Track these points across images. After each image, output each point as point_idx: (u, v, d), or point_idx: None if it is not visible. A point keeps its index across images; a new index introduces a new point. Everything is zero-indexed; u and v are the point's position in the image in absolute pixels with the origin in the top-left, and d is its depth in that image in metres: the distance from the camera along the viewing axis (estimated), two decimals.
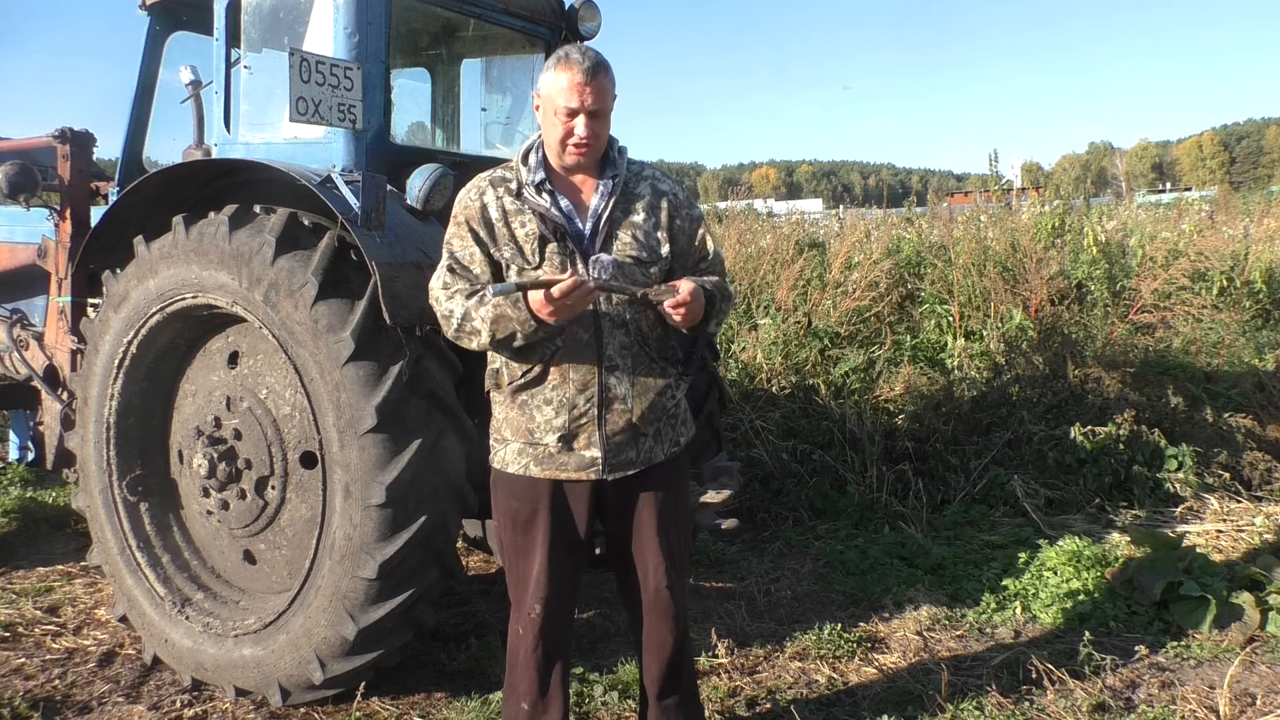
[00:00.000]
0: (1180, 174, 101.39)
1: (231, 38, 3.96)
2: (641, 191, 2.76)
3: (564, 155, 2.66)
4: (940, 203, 14.98)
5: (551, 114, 2.62)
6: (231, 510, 3.64)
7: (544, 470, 2.70)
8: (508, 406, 2.73)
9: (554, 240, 2.63)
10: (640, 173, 2.81)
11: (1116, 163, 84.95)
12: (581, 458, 2.69)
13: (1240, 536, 5.07)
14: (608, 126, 2.69)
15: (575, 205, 2.70)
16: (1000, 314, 7.70)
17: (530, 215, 2.64)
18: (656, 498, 2.79)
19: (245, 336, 3.66)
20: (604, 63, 2.63)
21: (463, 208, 2.72)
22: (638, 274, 2.68)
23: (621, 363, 2.67)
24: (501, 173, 2.75)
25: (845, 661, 3.92)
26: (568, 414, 2.65)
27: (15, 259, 4.98)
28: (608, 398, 2.66)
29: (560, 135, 2.62)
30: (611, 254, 2.66)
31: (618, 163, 2.74)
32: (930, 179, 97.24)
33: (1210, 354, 7.91)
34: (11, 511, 5.62)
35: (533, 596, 2.76)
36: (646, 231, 2.72)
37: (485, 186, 2.72)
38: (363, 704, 3.52)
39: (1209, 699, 3.54)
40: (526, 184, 2.68)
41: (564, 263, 2.63)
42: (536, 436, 2.68)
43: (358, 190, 3.20)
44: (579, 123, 2.60)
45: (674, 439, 2.83)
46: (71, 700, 3.64)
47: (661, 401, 2.75)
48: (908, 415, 6.51)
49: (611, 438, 2.68)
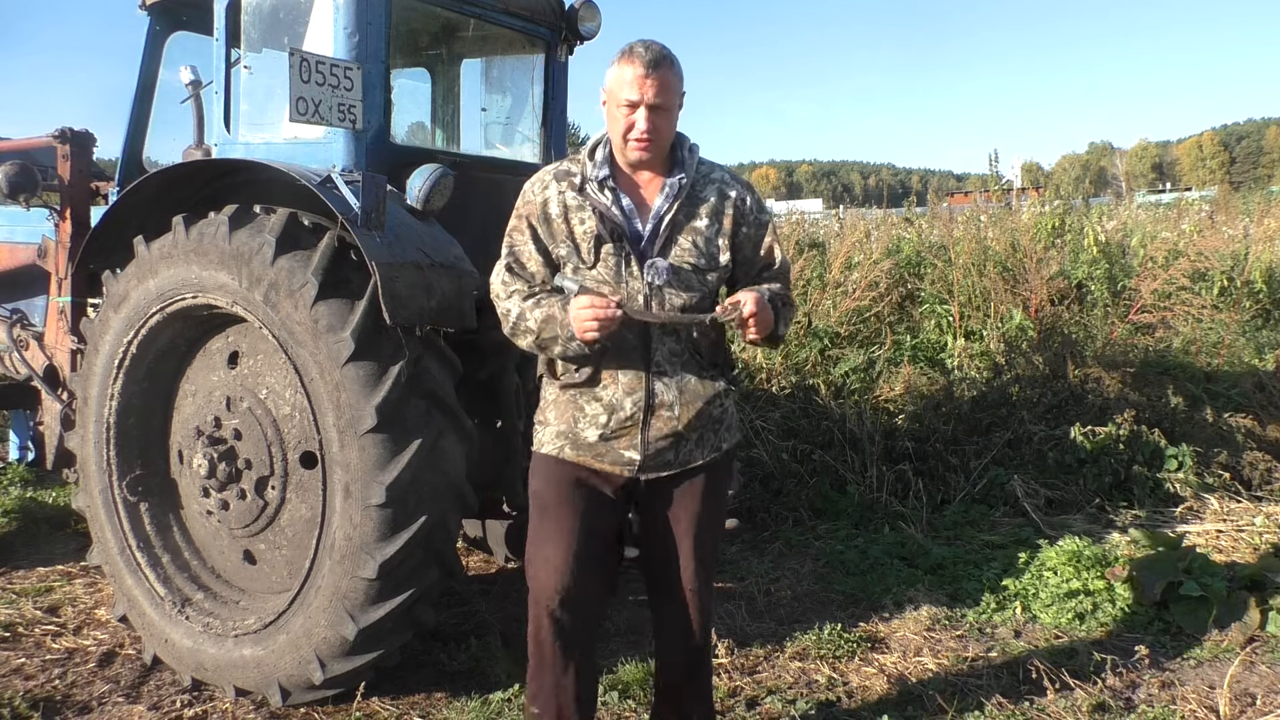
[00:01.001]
0: (1180, 174, 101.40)
1: (231, 38, 3.95)
2: (707, 195, 2.68)
3: (627, 150, 2.60)
4: (940, 203, 14.99)
5: (615, 107, 2.57)
6: (231, 510, 3.64)
7: (579, 455, 2.67)
8: (557, 393, 2.71)
9: (610, 240, 2.58)
10: (709, 175, 2.72)
11: (1116, 163, 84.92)
12: (619, 455, 2.65)
13: (1240, 536, 5.07)
14: (672, 122, 2.62)
15: (637, 204, 2.64)
16: (1000, 314, 7.70)
17: (590, 212, 2.59)
18: (691, 500, 2.73)
19: (245, 336, 3.66)
20: (669, 56, 2.56)
21: (524, 202, 2.68)
22: (694, 281, 2.62)
23: (670, 369, 2.63)
24: (567, 166, 2.70)
25: (845, 661, 3.92)
26: (613, 416, 2.62)
27: (15, 259, 4.98)
28: (654, 404, 2.62)
29: (622, 129, 2.57)
30: (668, 259, 2.60)
31: (686, 162, 2.66)
32: (930, 179, 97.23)
33: (1210, 354, 7.91)
34: (11, 511, 5.62)
35: (550, 586, 2.66)
36: (708, 238, 2.65)
37: (549, 180, 2.67)
38: (363, 704, 3.52)
39: (1209, 699, 3.54)
40: (590, 179, 2.62)
41: (619, 264, 2.58)
42: (579, 428, 2.65)
43: (358, 190, 3.20)
44: (640, 116, 2.54)
45: (716, 444, 2.75)
46: (71, 700, 3.64)
47: (709, 410, 2.69)
48: (908, 415, 6.51)
49: (653, 442, 2.64)
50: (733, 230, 2.68)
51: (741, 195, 2.72)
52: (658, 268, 2.58)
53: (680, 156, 2.67)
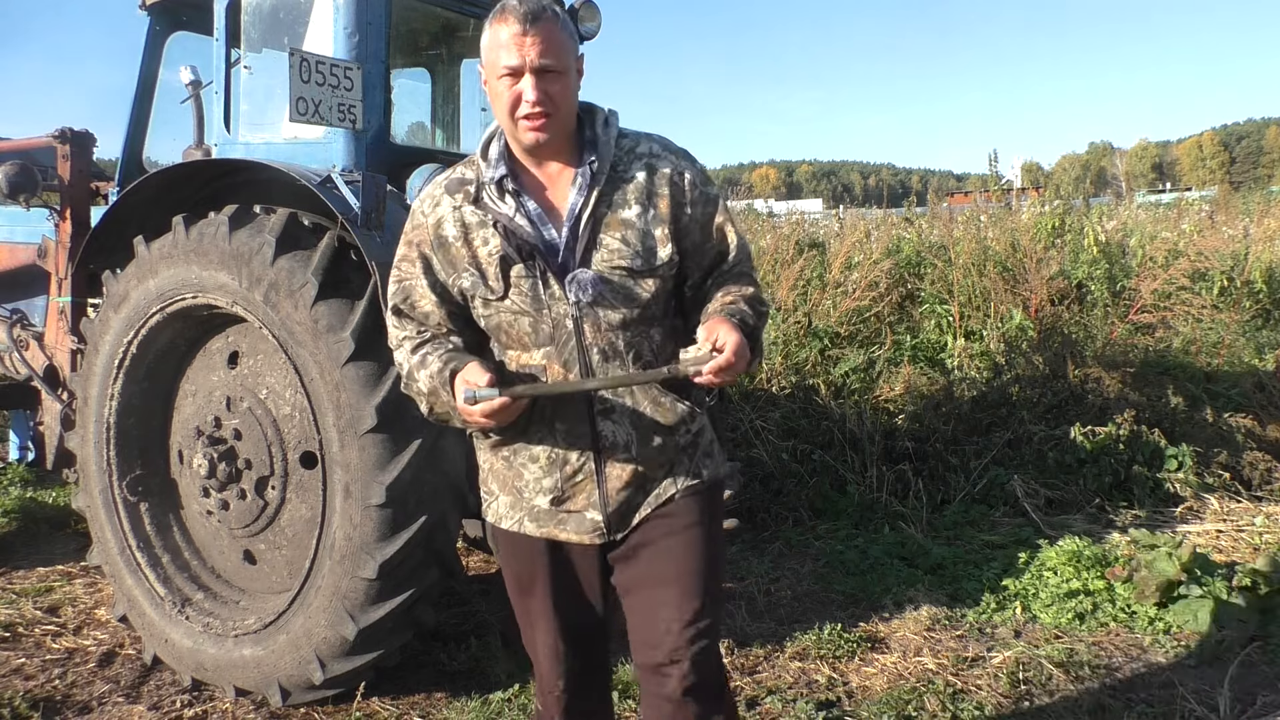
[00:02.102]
0: (1180, 174, 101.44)
1: (231, 38, 3.96)
2: (633, 174, 2.13)
3: (519, 134, 2.07)
4: (940, 203, 14.97)
5: (494, 81, 2.05)
6: (231, 510, 3.64)
7: (540, 528, 2.22)
8: (491, 458, 2.25)
9: (519, 259, 2.07)
10: (634, 149, 2.16)
11: (1116, 163, 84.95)
12: (581, 519, 2.18)
13: (1240, 536, 5.07)
14: (570, 90, 2.08)
15: (547, 207, 2.11)
16: (1000, 314, 7.70)
17: (493, 228, 2.09)
18: (669, 541, 2.19)
19: (245, 336, 3.66)
20: (550, 9, 2.05)
21: (413, 226, 2.17)
22: (632, 289, 2.09)
23: (617, 403, 2.12)
24: (461, 172, 2.18)
25: (845, 661, 3.92)
26: (558, 473, 2.15)
27: (15, 259, 4.98)
28: (604, 448, 2.13)
29: (508, 106, 2.04)
30: (592, 267, 2.08)
31: (600, 140, 2.12)
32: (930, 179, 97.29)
33: (1210, 354, 7.91)
34: (11, 511, 5.62)
35: (552, 673, 2.32)
36: (641, 230, 2.10)
37: (440, 195, 2.15)
38: (363, 704, 3.52)
39: (1209, 699, 3.54)
40: (486, 183, 2.11)
41: (534, 287, 2.07)
42: (525, 497, 2.20)
43: (358, 190, 3.20)
44: (526, 84, 2.01)
45: (693, 470, 2.23)
46: (71, 700, 3.64)
47: (673, 440, 2.18)
48: (908, 415, 6.51)
49: (614, 496, 2.16)
50: (672, 214, 2.13)
51: (678, 169, 2.16)
52: (580, 281, 2.06)
53: (591, 135, 2.13)
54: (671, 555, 2.19)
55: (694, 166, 2.19)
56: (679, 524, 2.19)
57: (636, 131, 2.21)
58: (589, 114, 2.17)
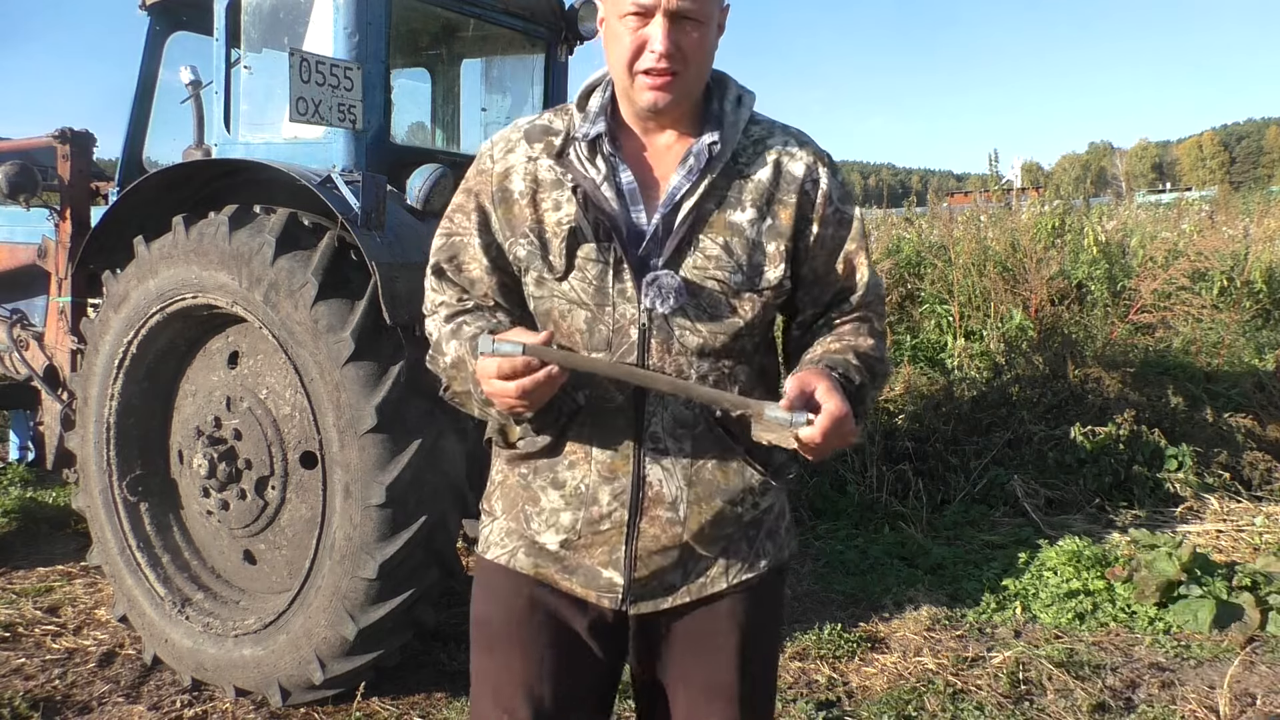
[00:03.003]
0: (1180, 174, 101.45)
1: (231, 38, 3.96)
2: (756, 171, 1.70)
3: (634, 91, 1.64)
4: (940, 203, 14.97)
5: (615, 21, 1.62)
6: (231, 510, 3.64)
7: (537, 567, 1.76)
8: (507, 471, 1.82)
9: (592, 238, 1.64)
10: (765, 139, 1.73)
11: (1116, 163, 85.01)
12: (593, 574, 1.72)
13: (1240, 536, 5.07)
14: (708, 47, 1.65)
15: (644, 183, 1.68)
16: (1000, 314, 7.70)
17: (571, 192, 1.66)
18: (713, 641, 1.76)
19: (245, 337, 3.66)
20: None
21: (478, 171, 1.76)
22: (722, 308, 1.66)
23: (674, 446, 1.67)
24: (548, 119, 1.75)
25: (845, 661, 3.92)
26: (582, 511, 1.70)
27: (15, 259, 4.98)
28: (645, 497, 1.68)
29: (628, 54, 1.61)
30: (681, 271, 1.64)
31: (726, 118, 1.70)
32: (930, 179, 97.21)
33: (1210, 354, 7.92)
34: (11, 511, 5.61)
35: None
36: (751, 240, 1.66)
37: (516, 140, 1.74)
38: (363, 704, 3.52)
39: (1209, 699, 3.54)
40: (575, 138, 1.69)
41: (603, 275, 1.65)
42: (533, 528, 1.75)
43: (358, 190, 3.20)
44: (655, 29, 1.58)
45: (750, 559, 1.76)
46: (71, 700, 3.64)
47: (733, 511, 1.72)
48: (908, 415, 6.51)
49: (645, 558, 1.70)
50: (795, 229, 1.70)
51: (813, 174, 1.72)
52: (662, 286, 1.63)
53: (719, 109, 1.71)
54: (715, 661, 1.77)
55: (835, 176, 1.75)
56: (725, 624, 1.76)
57: (772, 120, 1.78)
58: (719, 84, 1.74)
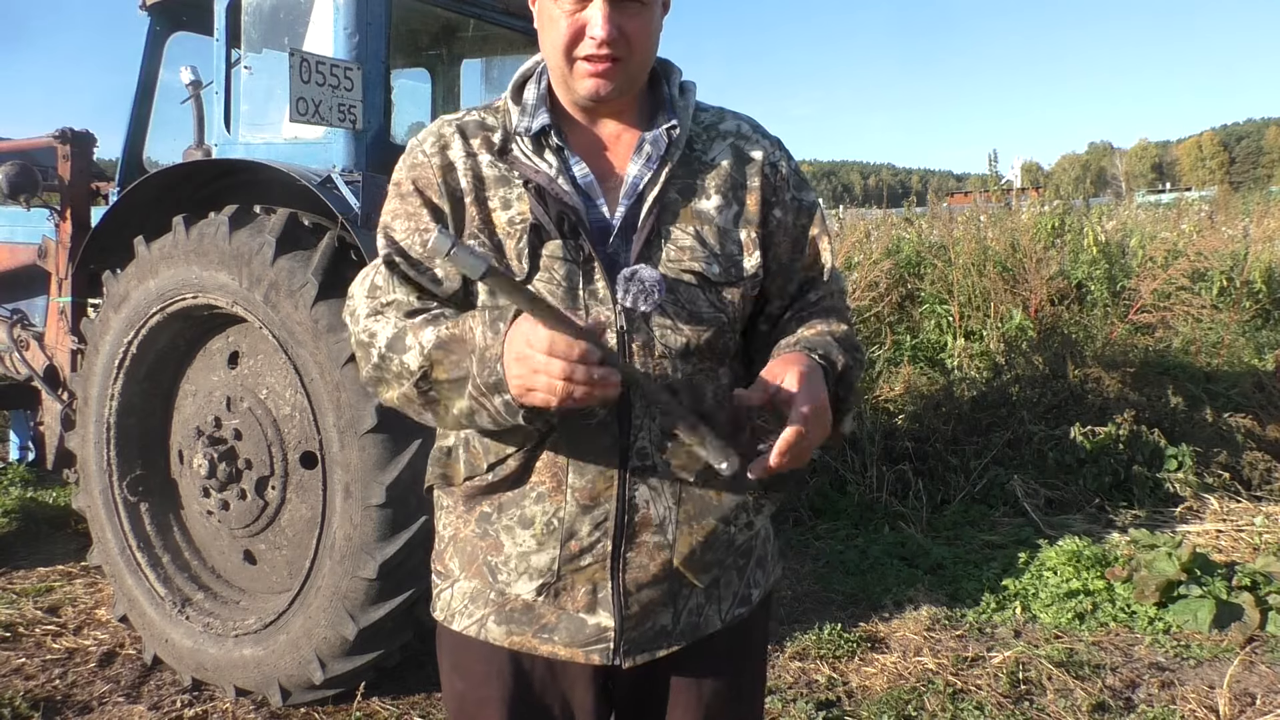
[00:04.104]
0: (1180, 174, 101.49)
1: (231, 38, 3.96)
2: (715, 157, 1.59)
3: (574, 79, 1.50)
4: (940, 203, 14.96)
5: (549, 3, 1.49)
6: (232, 510, 3.64)
7: (512, 636, 1.56)
8: (459, 518, 1.59)
9: (556, 235, 1.47)
10: (717, 124, 1.64)
11: (1116, 163, 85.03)
12: (579, 624, 1.53)
13: (1240, 536, 5.07)
14: (652, 31, 1.52)
15: (600, 174, 1.54)
16: (1000, 314, 7.70)
17: (521, 188, 1.50)
18: (703, 682, 1.64)
19: (245, 337, 3.66)
20: None
21: (411, 166, 1.56)
22: (702, 305, 1.52)
23: (660, 463, 1.51)
24: (480, 116, 1.59)
25: (845, 661, 3.92)
26: (557, 548, 1.51)
27: (15, 259, 4.98)
28: (633, 522, 1.50)
29: (564, 40, 1.47)
30: (658, 266, 1.50)
31: (676, 105, 1.58)
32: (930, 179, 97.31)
33: (1210, 354, 7.92)
34: (11, 511, 5.62)
35: None
36: (722, 229, 1.55)
37: (450, 135, 1.55)
38: (363, 704, 3.52)
39: (1209, 699, 3.54)
40: (518, 133, 1.53)
41: (571, 275, 1.48)
42: (501, 580, 1.54)
43: (358, 190, 3.20)
44: (594, 12, 1.45)
45: (742, 593, 1.64)
46: (72, 700, 3.64)
47: (726, 532, 1.58)
48: (908, 415, 6.51)
49: (635, 593, 1.52)
50: (761, 215, 1.59)
51: (771, 158, 1.63)
52: (643, 281, 1.48)
53: (667, 95, 1.60)
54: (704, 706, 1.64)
55: (790, 159, 1.66)
56: (720, 667, 1.65)
57: (720, 106, 1.69)
58: (664, 69, 1.63)
